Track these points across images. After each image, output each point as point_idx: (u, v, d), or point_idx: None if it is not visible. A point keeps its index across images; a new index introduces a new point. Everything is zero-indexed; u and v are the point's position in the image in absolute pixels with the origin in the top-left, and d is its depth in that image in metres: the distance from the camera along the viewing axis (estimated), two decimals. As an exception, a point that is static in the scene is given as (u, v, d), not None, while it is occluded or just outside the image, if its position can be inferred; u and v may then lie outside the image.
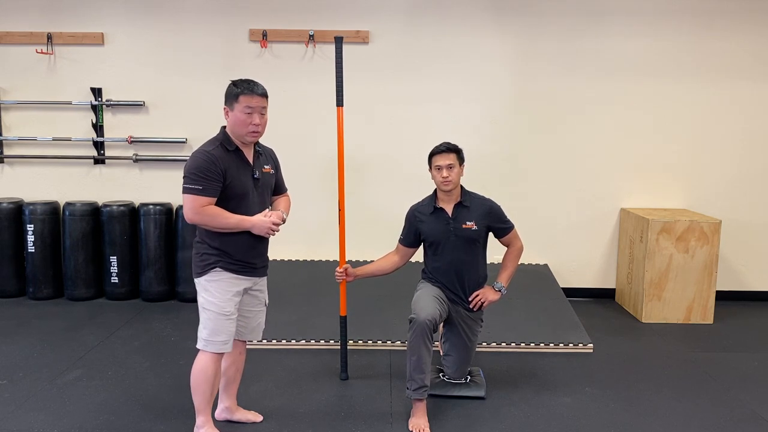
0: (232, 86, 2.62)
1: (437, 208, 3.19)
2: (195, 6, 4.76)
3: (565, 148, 4.90)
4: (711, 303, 4.53)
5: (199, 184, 2.53)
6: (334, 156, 4.91)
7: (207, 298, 2.66)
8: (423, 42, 4.78)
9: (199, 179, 2.53)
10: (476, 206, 3.18)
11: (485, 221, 3.17)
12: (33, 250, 4.74)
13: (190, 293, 4.76)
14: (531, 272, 4.84)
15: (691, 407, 3.23)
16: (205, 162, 2.55)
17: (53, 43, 4.78)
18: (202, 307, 2.68)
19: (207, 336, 2.67)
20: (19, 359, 3.66)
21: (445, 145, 3.13)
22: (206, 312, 2.67)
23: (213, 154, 2.57)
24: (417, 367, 2.95)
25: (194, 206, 2.55)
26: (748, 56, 4.81)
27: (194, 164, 2.55)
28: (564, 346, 3.95)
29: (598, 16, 4.76)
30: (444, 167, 3.09)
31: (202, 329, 2.68)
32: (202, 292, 2.67)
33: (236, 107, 2.60)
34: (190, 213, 2.57)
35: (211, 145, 2.62)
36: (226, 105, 2.63)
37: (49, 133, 4.88)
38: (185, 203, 2.57)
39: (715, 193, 4.96)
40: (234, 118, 2.61)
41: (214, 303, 2.65)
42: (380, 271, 3.34)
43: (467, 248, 3.16)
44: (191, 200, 2.55)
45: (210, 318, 2.66)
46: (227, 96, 2.63)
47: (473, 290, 3.21)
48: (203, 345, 2.68)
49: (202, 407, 2.72)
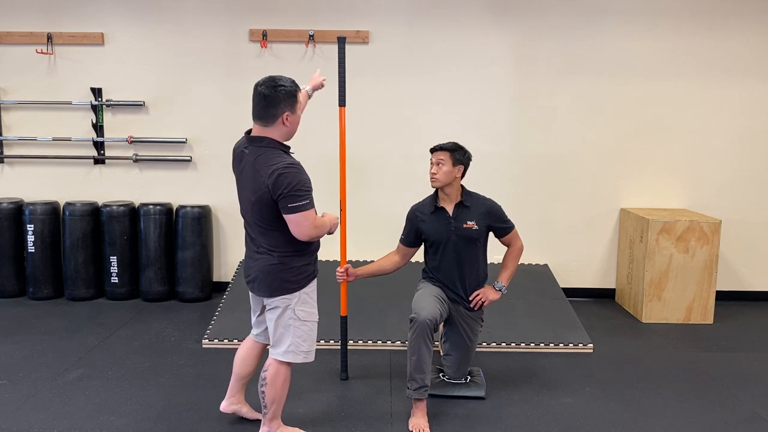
0: (284, 87, 2.45)
1: (438, 207, 3.19)
2: (195, 6, 4.76)
3: (565, 148, 4.90)
4: (711, 303, 4.53)
5: (305, 198, 2.42)
6: (334, 156, 4.93)
7: (308, 310, 2.62)
8: (423, 42, 4.78)
9: (304, 193, 2.42)
10: (477, 206, 3.18)
11: (486, 221, 3.17)
12: (33, 250, 4.74)
13: (191, 293, 4.76)
14: (531, 272, 4.84)
15: (691, 407, 3.23)
16: (299, 174, 2.43)
17: (53, 43, 4.78)
18: (303, 320, 2.60)
19: (308, 347, 2.63)
20: (19, 359, 3.66)
21: (440, 144, 3.15)
22: (308, 324, 2.62)
23: (298, 164, 2.48)
24: (417, 366, 2.95)
25: (311, 222, 2.44)
26: (748, 56, 4.82)
27: (296, 179, 2.40)
28: (564, 346, 3.95)
29: (598, 16, 4.76)
30: (434, 164, 3.12)
31: (301, 343, 2.60)
32: (301, 305, 2.59)
33: (298, 107, 2.52)
34: (310, 230, 2.45)
35: (283, 156, 2.47)
36: (287, 110, 2.47)
37: (49, 133, 4.88)
38: (301, 222, 2.43)
39: (715, 193, 4.96)
40: (296, 119, 2.52)
41: (314, 313, 2.65)
42: (381, 271, 3.34)
43: (467, 248, 3.16)
44: (306, 217, 2.43)
45: (311, 329, 2.63)
46: (286, 100, 2.46)
47: (473, 290, 3.21)
48: (304, 357, 2.63)
49: (279, 412, 2.73)
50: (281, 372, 2.64)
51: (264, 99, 2.46)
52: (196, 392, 3.28)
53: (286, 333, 2.60)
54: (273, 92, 2.45)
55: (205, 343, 3.91)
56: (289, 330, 2.60)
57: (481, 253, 3.24)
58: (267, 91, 2.46)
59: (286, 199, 2.40)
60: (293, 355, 2.61)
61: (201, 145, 4.87)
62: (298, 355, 2.62)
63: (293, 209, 2.41)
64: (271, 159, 2.44)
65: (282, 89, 2.46)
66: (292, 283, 2.56)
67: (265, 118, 2.49)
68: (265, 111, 2.47)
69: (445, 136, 3.55)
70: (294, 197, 2.40)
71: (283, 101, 2.46)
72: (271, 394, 2.65)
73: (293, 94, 2.49)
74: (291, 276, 2.56)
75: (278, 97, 2.45)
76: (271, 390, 2.64)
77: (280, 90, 2.45)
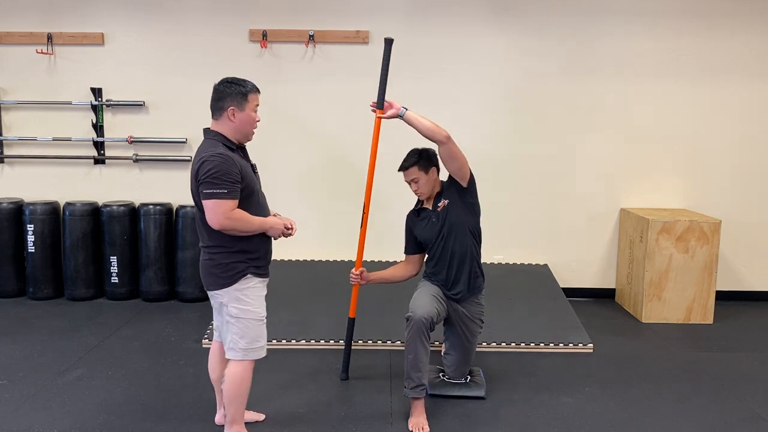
0: (236, 86, 2.57)
1: (422, 208, 3.23)
2: (195, 6, 4.76)
3: (565, 148, 4.90)
4: (711, 303, 4.53)
5: (223, 187, 2.44)
6: (334, 156, 4.95)
7: (242, 307, 2.60)
8: (423, 42, 4.78)
9: (222, 182, 2.44)
10: (445, 186, 3.21)
11: (451, 189, 3.16)
12: (33, 250, 4.73)
13: (191, 293, 4.76)
14: (531, 272, 4.84)
15: (691, 407, 3.23)
16: (225, 164, 2.46)
17: (53, 43, 4.78)
18: (236, 317, 2.59)
19: (246, 345, 2.61)
20: (19, 359, 3.66)
21: (402, 163, 3.16)
22: (242, 321, 2.60)
23: (228, 155, 2.50)
24: (414, 365, 2.95)
25: (224, 210, 2.45)
26: (748, 56, 4.81)
27: (214, 167, 2.44)
28: (564, 346, 3.94)
29: (598, 16, 4.76)
30: (409, 183, 3.16)
31: (238, 339, 2.60)
32: (233, 302, 2.59)
33: (247, 106, 2.58)
34: (220, 218, 2.46)
35: (217, 147, 2.52)
36: (233, 106, 2.56)
37: (49, 133, 4.88)
38: (212, 209, 2.46)
39: (715, 193, 4.96)
40: (245, 117, 2.58)
41: (251, 311, 2.61)
42: (394, 279, 3.38)
43: (457, 241, 3.12)
44: (219, 205, 2.45)
45: (248, 326, 2.61)
46: (233, 96, 2.56)
47: (468, 283, 3.18)
48: (243, 355, 2.62)
49: (239, 416, 2.69)
50: (236, 371, 2.63)
51: (214, 92, 2.61)
52: (196, 392, 3.28)
53: (227, 330, 2.65)
54: (223, 87, 2.58)
55: (205, 343, 3.91)
56: (228, 327, 2.63)
57: (473, 248, 3.18)
58: (218, 86, 2.60)
59: (203, 185, 2.46)
60: (233, 353, 2.62)
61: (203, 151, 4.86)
62: (237, 352, 2.62)
63: (207, 195, 2.46)
64: (206, 149, 2.53)
65: (233, 86, 2.57)
66: (221, 279, 2.58)
67: (215, 111, 2.61)
68: (214, 104, 2.61)
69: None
70: (210, 184, 2.44)
71: (230, 96, 2.56)
72: (227, 393, 2.64)
73: (243, 93, 2.57)
74: (219, 272, 2.58)
75: (225, 92, 2.57)
76: (226, 388, 2.65)
77: (230, 86, 2.57)
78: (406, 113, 3.06)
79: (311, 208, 4.87)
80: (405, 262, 3.37)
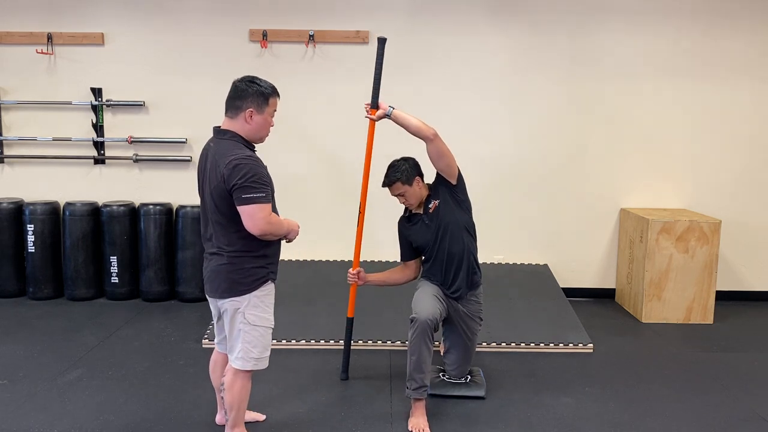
0: (258, 86, 2.48)
1: (413, 213, 3.23)
2: (195, 6, 4.76)
3: (565, 147, 4.89)
4: (711, 303, 4.53)
5: (261, 191, 2.37)
6: (333, 156, 4.95)
7: (260, 314, 2.53)
8: (423, 42, 4.78)
9: (260, 186, 2.37)
10: (433, 188, 3.19)
11: (440, 189, 3.15)
12: (33, 250, 4.73)
13: (191, 293, 4.76)
14: (531, 272, 4.84)
15: (691, 407, 3.23)
16: (258, 167, 2.39)
17: (53, 43, 4.78)
18: (253, 325, 2.51)
19: (259, 354, 2.54)
20: (19, 359, 3.66)
21: (384, 180, 3.14)
22: (258, 329, 2.53)
23: (256, 157, 2.44)
24: (417, 366, 2.95)
25: (264, 215, 2.37)
26: (749, 56, 4.81)
27: (250, 171, 2.36)
28: (564, 346, 3.95)
29: (599, 16, 4.76)
30: (396, 197, 3.16)
31: (251, 349, 2.52)
32: (252, 309, 2.51)
33: (266, 110, 2.50)
34: (262, 223, 2.37)
35: (242, 149, 2.44)
36: (252, 107, 2.46)
37: (49, 133, 4.88)
38: (253, 214, 2.36)
39: (715, 193, 4.96)
40: (262, 121, 2.50)
41: (267, 318, 2.56)
42: (392, 281, 3.38)
43: (452, 241, 3.12)
44: (261, 209, 2.36)
45: (263, 334, 2.55)
46: (254, 96, 2.46)
47: (467, 281, 3.17)
48: (254, 364, 2.54)
49: (240, 419, 2.66)
50: (238, 378, 2.57)
51: (234, 90, 2.51)
52: (196, 392, 3.28)
53: (237, 338, 2.54)
54: (244, 86, 2.49)
55: (205, 343, 3.91)
56: (240, 335, 2.53)
57: (469, 245, 3.17)
58: (240, 84, 2.51)
59: (240, 190, 2.36)
60: (243, 362, 2.53)
61: (201, 145, 4.80)
62: (247, 361, 2.53)
63: (247, 200, 2.36)
64: (231, 150, 2.43)
65: (254, 86, 2.49)
66: (241, 285, 2.49)
67: (231, 110, 2.51)
68: (232, 102, 2.51)
69: (445, 137, 3.53)
70: (249, 188, 2.36)
71: (251, 96, 2.47)
72: (229, 399, 2.60)
73: (264, 95, 2.49)
74: (240, 277, 2.48)
75: (246, 92, 2.48)
76: (228, 396, 2.60)
77: (252, 86, 2.48)
78: (393, 112, 3.06)
79: (311, 208, 4.87)
80: (403, 267, 3.37)
